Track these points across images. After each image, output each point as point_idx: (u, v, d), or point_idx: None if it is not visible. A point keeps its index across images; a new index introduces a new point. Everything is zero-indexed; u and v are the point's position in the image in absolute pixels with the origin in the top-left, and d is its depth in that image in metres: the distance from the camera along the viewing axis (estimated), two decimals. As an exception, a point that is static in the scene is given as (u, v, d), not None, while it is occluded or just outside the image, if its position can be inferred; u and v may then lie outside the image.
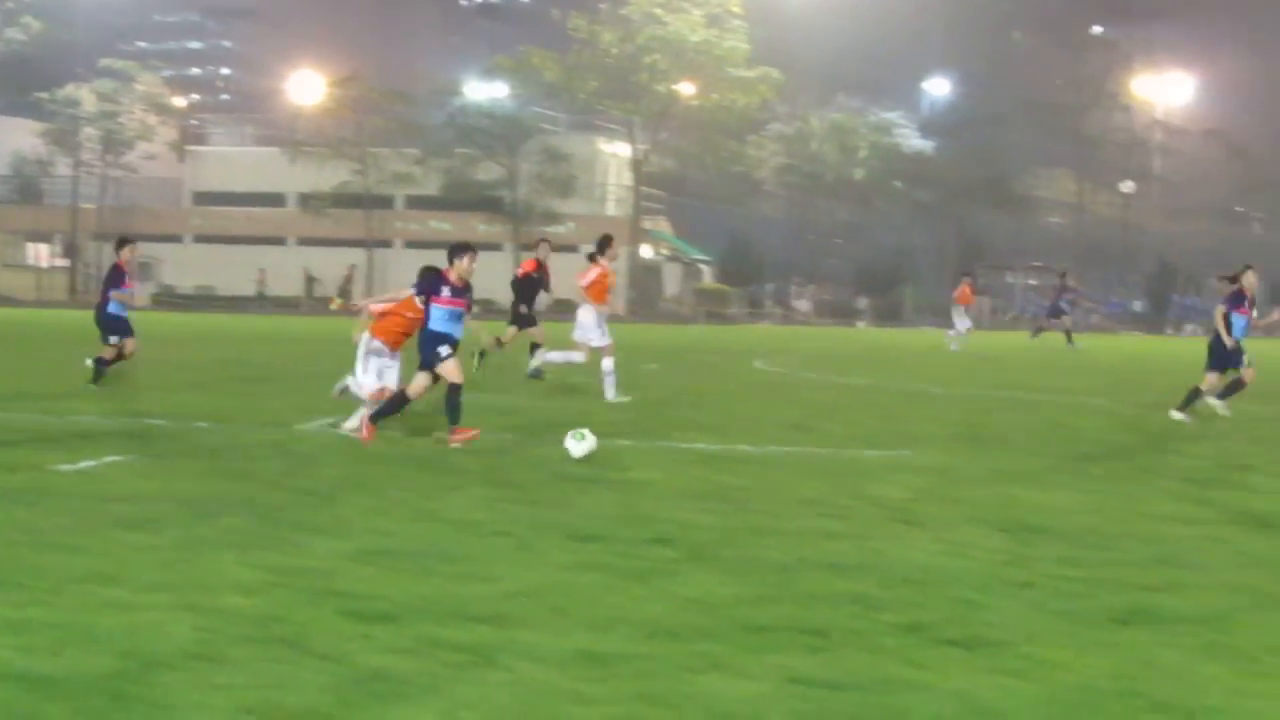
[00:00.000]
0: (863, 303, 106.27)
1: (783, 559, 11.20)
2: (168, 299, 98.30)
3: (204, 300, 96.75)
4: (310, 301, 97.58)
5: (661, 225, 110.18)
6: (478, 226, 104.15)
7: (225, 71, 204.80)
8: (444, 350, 17.99)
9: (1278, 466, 18.37)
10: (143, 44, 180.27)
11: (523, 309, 29.36)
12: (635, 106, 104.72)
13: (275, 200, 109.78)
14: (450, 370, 17.98)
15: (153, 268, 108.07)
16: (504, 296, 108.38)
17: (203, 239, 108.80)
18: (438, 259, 18.83)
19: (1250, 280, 24.70)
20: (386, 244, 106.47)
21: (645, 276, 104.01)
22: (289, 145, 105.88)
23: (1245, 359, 24.60)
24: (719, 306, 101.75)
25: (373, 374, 19.04)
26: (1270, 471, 17.80)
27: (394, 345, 19.10)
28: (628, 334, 58.14)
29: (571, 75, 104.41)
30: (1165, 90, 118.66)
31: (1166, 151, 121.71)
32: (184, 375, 26.23)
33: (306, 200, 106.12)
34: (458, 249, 18.32)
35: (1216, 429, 23.41)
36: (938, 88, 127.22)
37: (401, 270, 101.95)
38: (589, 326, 25.68)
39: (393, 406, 18.50)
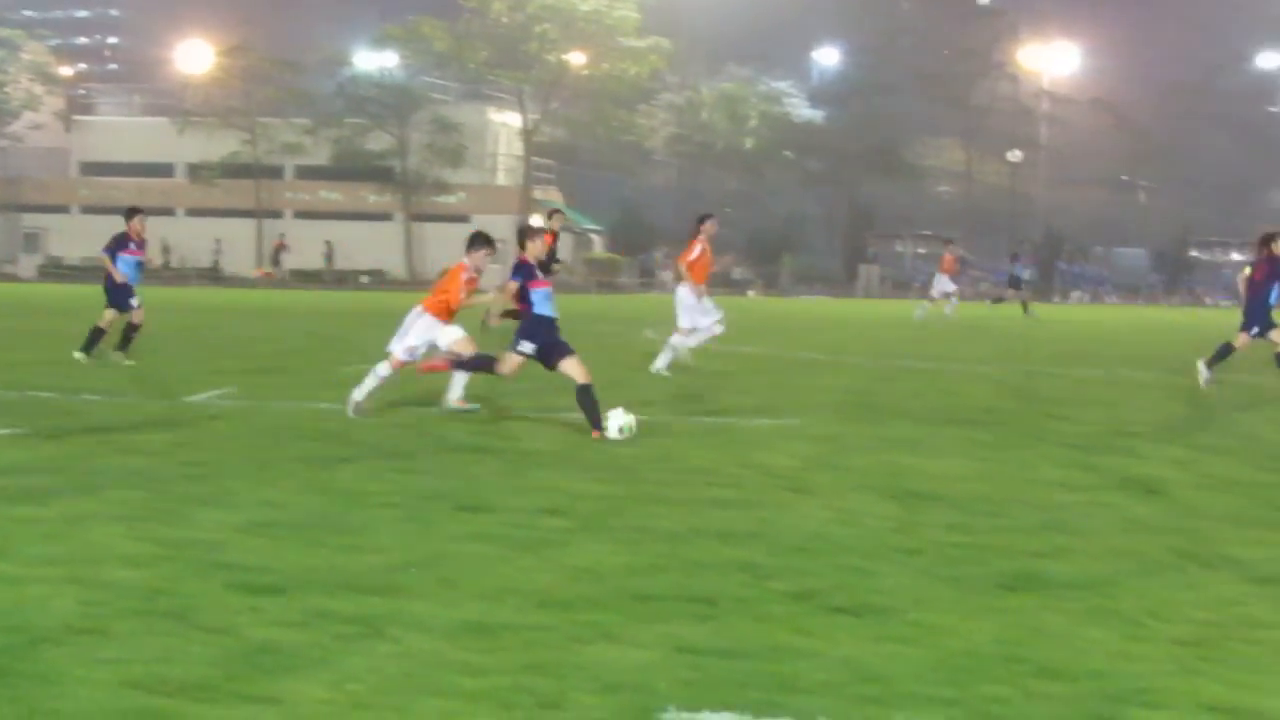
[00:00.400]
0: (738, 272, 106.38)
1: (672, 528, 11.22)
2: (54, 270, 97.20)
3: (91, 272, 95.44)
4: (168, 273, 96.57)
5: (552, 195, 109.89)
6: (368, 197, 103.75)
7: (113, 40, 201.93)
8: (527, 347, 17.58)
9: (1163, 432, 18.58)
10: (29, 12, 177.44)
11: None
12: (526, 76, 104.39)
13: (164, 171, 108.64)
14: (512, 364, 17.69)
15: (39, 238, 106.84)
16: (393, 265, 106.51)
17: (90, 210, 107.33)
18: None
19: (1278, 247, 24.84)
20: (276, 214, 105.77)
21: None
22: (177, 115, 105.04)
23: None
24: (610, 276, 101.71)
25: (411, 342, 18.36)
26: (1155, 437, 18.00)
27: (445, 320, 18.59)
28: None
29: (461, 44, 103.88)
30: (1052, 60, 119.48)
31: (1053, 120, 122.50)
32: (72, 347, 25.93)
33: (195, 170, 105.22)
34: (531, 233, 17.97)
35: (1103, 395, 23.65)
36: (827, 57, 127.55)
37: (291, 240, 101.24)
38: (690, 305, 25.60)
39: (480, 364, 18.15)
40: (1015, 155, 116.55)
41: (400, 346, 18.22)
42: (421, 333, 18.35)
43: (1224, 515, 12.44)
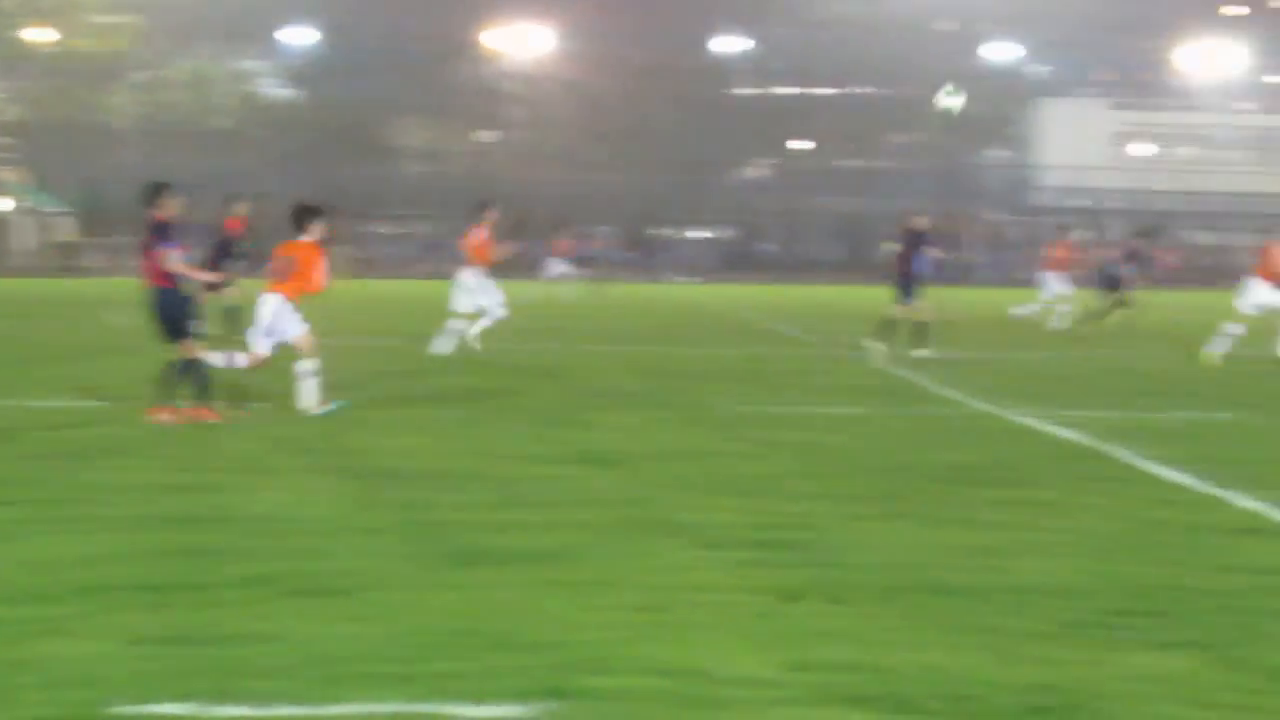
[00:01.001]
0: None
1: (126, 515, 11.02)
2: None
3: None
4: None
5: (14, 175, 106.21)
6: None
7: None
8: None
9: (619, 406, 19.06)
10: None
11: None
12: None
13: None
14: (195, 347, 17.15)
15: None
16: None
17: None
18: None
19: (918, 223, 26.53)
20: None
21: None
22: None
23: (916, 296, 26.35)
24: (76, 259, 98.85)
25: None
26: (612, 410, 18.48)
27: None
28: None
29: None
30: (523, 42, 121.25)
31: (523, 102, 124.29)
32: None
33: None
34: (163, 190, 18.27)
35: (564, 368, 24.14)
36: (300, 36, 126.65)
37: None
38: (471, 288, 26.57)
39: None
40: (486, 135, 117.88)
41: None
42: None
43: (675, 483, 12.87)
